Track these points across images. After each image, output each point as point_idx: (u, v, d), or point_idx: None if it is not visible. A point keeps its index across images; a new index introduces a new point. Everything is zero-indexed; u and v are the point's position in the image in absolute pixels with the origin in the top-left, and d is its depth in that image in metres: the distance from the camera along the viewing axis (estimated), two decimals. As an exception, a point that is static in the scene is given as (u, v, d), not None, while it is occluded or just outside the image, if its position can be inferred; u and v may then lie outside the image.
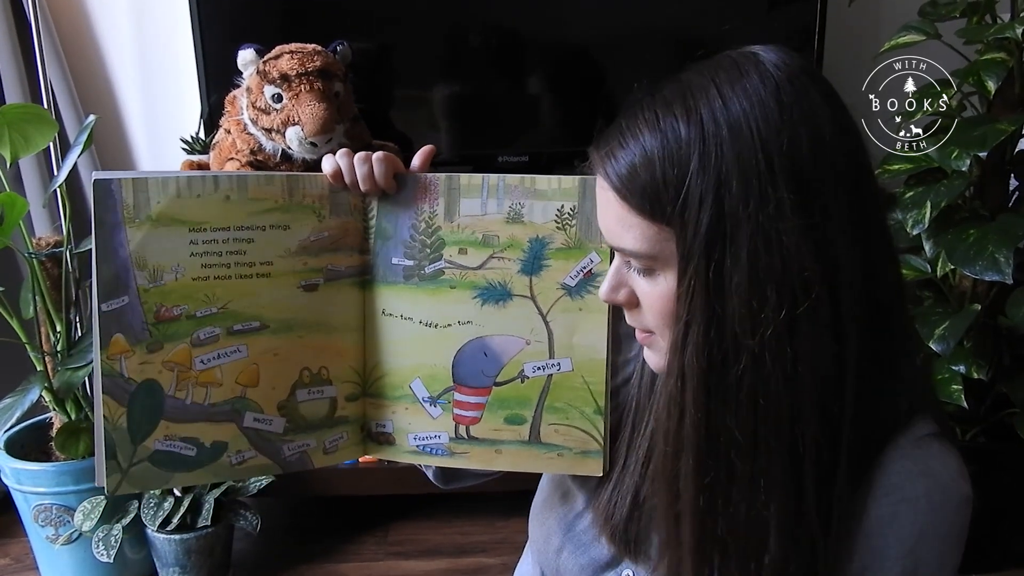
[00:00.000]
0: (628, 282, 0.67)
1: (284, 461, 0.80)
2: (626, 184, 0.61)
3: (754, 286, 0.57)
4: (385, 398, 0.81)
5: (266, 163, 1.54)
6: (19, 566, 1.82)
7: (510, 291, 0.77)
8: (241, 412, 0.78)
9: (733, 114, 0.58)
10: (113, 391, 0.73)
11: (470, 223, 0.77)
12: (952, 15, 1.55)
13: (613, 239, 0.65)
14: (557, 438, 0.78)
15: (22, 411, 1.53)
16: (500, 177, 0.76)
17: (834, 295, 0.59)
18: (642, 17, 1.79)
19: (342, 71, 1.54)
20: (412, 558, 1.82)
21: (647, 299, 0.65)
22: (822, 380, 0.59)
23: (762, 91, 0.58)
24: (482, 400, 0.79)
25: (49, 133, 1.57)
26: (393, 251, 0.79)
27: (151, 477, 0.76)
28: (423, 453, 0.81)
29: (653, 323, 0.66)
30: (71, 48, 1.93)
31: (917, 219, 1.52)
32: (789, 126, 0.57)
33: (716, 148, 0.57)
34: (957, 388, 1.51)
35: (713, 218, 0.58)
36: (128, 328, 0.73)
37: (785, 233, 0.57)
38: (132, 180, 0.72)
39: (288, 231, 0.77)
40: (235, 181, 0.75)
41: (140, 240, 0.72)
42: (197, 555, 1.67)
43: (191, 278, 0.74)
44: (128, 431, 0.74)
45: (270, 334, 0.78)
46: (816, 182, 0.58)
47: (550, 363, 0.77)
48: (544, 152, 1.87)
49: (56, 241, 1.65)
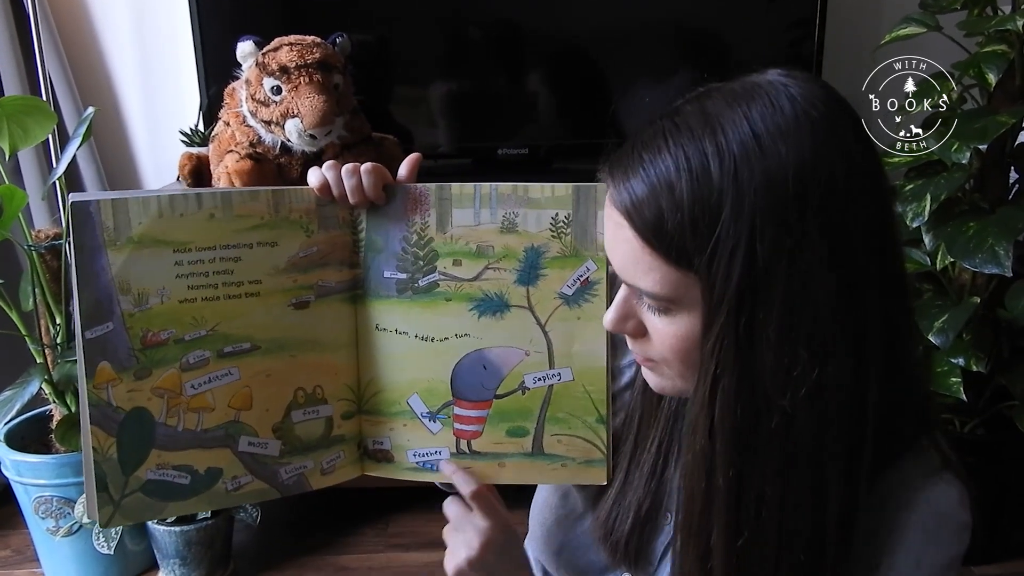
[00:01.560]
0: (637, 314, 0.64)
1: (281, 485, 0.78)
2: (650, 226, 0.57)
3: (786, 342, 0.55)
4: (382, 415, 0.80)
5: (265, 155, 1.54)
6: (20, 558, 1.82)
7: (507, 302, 0.76)
8: (235, 437, 0.75)
9: (769, 159, 0.54)
10: (101, 421, 0.71)
11: (463, 234, 0.75)
12: (953, 7, 1.54)
13: (627, 277, 0.62)
14: (560, 448, 0.77)
15: (22, 403, 1.53)
16: (492, 186, 0.75)
17: (859, 347, 0.57)
18: (642, 10, 1.79)
19: (341, 63, 1.54)
20: (412, 550, 1.83)
21: (660, 336, 0.62)
22: (848, 432, 0.58)
23: (798, 132, 0.55)
24: (483, 414, 0.78)
25: (48, 125, 1.56)
26: (385, 264, 0.77)
27: (144, 508, 0.73)
28: (423, 470, 0.80)
29: (663, 358, 0.63)
30: (70, 40, 1.93)
31: (917, 212, 1.52)
32: (825, 171, 0.55)
33: (751, 196, 0.54)
34: (956, 380, 1.51)
35: (745, 269, 0.55)
36: (114, 355, 0.70)
37: (819, 288, 0.55)
38: (111, 201, 0.69)
39: (276, 248, 0.75)
40: (219, 198, 0.72)
41: (122, 263, 0.69)
42: (198, 547, 1.67)
43: (178, 301, 0.72)
44: (119, 462, 0.72)
45: (262, 355, 0.75)
46: (848, 233, 0.56)
47: (550, 373, 0.77)
48: (543, 145, 1.87)
49: (55, 233, 1.65)
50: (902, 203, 1.56)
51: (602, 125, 1.81)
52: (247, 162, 1.50)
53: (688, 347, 0.60)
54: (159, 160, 2.01)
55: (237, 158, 1.51)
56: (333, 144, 1.56)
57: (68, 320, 1.64)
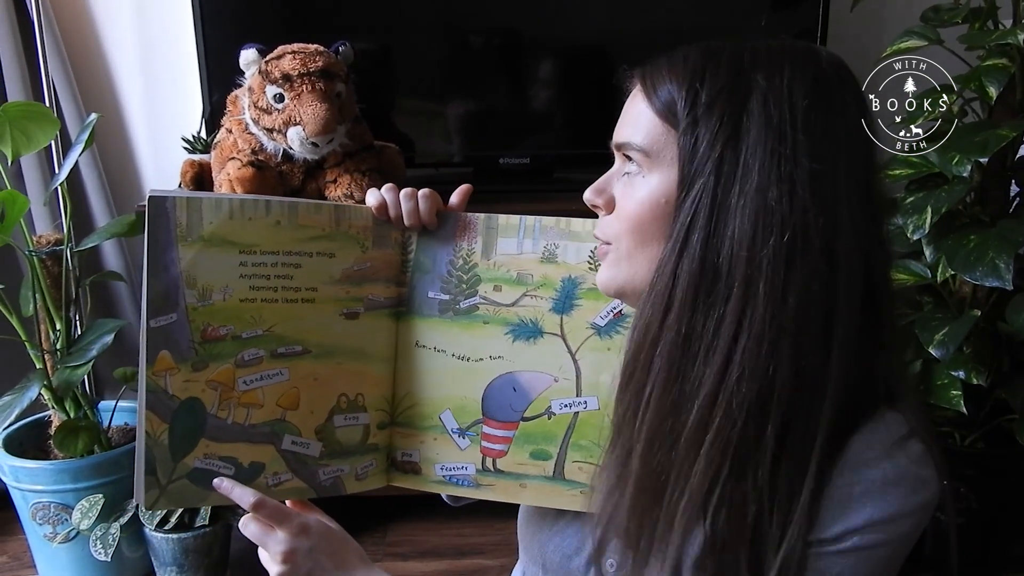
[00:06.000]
0: (610, 189, 0.69)
1: (319, 485, 0.80)
2: (653, 79, 0.65)
3: (759, 217, 0.60)
4: (414, 428, 0.83)
5: (267, 163, 1.54)
6: (17, 564, 1.82)
7: (541, 328, 0.79)
8: (280, 434, 0.78)
9: (775, 63, 0.62)
10: (156, 407, 0.73)
11: (506, 261, 0.79)
12: (954, 21, 1.55)
13: (620, 134, 0.68)
14: (581, 476, 0.78)
15: (21, 409, 1.53)
16: (537, 219, 0.79)
17: (832, 255, 0.60)
18: (646, 20, 1.79)
19: (344, 71, 1.54)
20: (411, 559, 1.83)
21: (624, 203, 0.67)
22: (806, 329, 0.60)
23: (804, 61, 0.63)
24: (509, 434, 0.80)
25: (51, 131, 1.57)
26: (430, 285, 0.81)
27: (189, 494, 0.75)
28: (449, 483, 0.82)
29: (618, 232, 0.67)
30: (73, 46, 1.93)
31: (918, 224, 1.52)
32: (822, 93, 0.61)
33: (751, 78, 0.61)
34: (956, 394, 1.51)
35: (731, 138, 0.61)
36: (175, 345, 0.73)
37: (797, 177, 0.60)
38: (187, 199, 0.73)
39: (333, 259, 0.78)
40: (286, 207, 0.76)
41: (191, 259, 0.73)
42: (195, 554, 1.66)
43: (239, 299, 0.75)
44: (169, 447, 0.74)
45: (312, 359, 0.78)
46: (833, 146, 0.61)
47: (577, 401, 0.78)
48: (546, 154, 1.87)
49: (56, 239, 1.65)
50: (903, 215, 1.56)
51: (604, 135, 1.81)
52: (249, 169, 1.50)
53: (641, 212, 0.65)
54: (161, 166, 2.02)
55: (239, 165, 1.51)
56: (335, 152, 1.56)
57: (68, 326, 1.64)
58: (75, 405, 1.66)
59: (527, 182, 1.86)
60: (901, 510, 0.62)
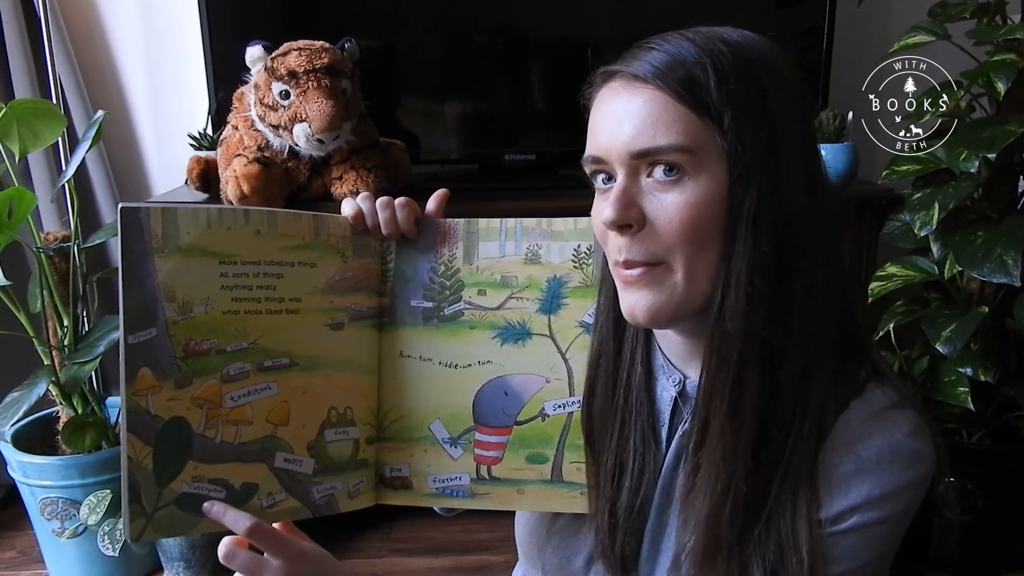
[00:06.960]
0: (639, 201, 0.62)
1: (313, 504, 0.77)
2: (680, 80, 0.61)
3: (803, 183, 0.63)
4: (402, 441, 0.80)
5: (273, 159, 1.55)
6: (25, 559, 1.83)
7: (529, 330, 0.78)
8: (272, 452, 0.74)
9: (741, 36, 0.64)
10: (139, 429, 0.69)
11: (489, 265, 0.78)
12: (962, 16, 1.54)
13: (644, 140, 0.61)
14: (579, 476, 0.77)
15: (29, 405, 1.54)
16: (518, 221, 0.78)
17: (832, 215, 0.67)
18: (650, 17, 1.78)
19: (350, 68, 1.54)
20: (416, 555, 1.83)
21: (669, 212, 0.61)
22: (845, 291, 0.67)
23: (744, 35, 0.65)
24: (503, 439, 0.78)
25: (58, 128, 1.57)
26: (412, 294, 0.79)
27: (178, 522, 0.70)
28: (443, 495, 0.80)
29: (669, 243, 0.62)
30: (80, 44, 1.94)
31: (925, 220, 1.51)
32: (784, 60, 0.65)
33: (747, 56, 0.62)
34: (964, 390, 1.50)
35: (764, 115, 0.61)
36: (155, 362, 0.69)
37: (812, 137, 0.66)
38: (161, 210, 0.69)
39: (315, 269, 0.76)
40: (265, 216, 0.73)
41: (169, 271, 0.69)
42: (202, 550, 1.67)
43: (221, 311, 0.72)
44: (154, 472, 0.69)
45: (299, 371, 0.76)
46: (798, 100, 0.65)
47: (570, 400, 0.77)
48: (551, 151, 1.87)
49: (64, 236, 1.66)
50: (910, 212, 1.56)
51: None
52: (255, 166, 1.51)
53: (699, 216, 0.61)
54: (168, 163, 2.02)
55: (245, 162, 1.51)
56: (340, 149, 1.57)
57: (76, 322, 1.64)
58: (83, 401, 1.67)
59: (531, 178, 1.86)
60: (898, 485, 0.62)
